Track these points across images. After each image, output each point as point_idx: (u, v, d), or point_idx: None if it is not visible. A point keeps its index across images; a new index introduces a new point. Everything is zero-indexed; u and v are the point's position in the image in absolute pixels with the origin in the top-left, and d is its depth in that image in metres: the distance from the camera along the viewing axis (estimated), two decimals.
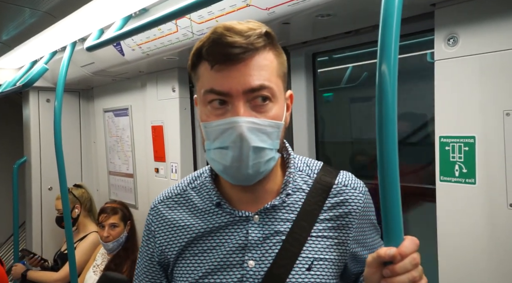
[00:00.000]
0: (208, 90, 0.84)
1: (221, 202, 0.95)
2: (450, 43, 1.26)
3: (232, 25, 0.82)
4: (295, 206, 0.94)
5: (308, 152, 1.90)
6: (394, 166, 0.73)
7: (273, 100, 0.85)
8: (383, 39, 0.74)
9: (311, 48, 1.83)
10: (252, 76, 0.82)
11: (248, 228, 0.92)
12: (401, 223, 0.74)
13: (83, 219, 3.03)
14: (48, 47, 2.45)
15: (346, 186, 0.98)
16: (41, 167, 3.30)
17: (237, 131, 0.81)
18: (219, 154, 0.85)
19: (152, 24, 1.47)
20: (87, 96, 3.48)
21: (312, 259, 0.91)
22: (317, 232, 0.93)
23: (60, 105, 2.18)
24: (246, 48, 0.81)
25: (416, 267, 0.74)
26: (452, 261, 1.27)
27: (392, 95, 0.72)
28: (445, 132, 1.28)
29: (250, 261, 0.90)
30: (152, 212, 1.04)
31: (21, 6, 1.71)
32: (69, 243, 2.28)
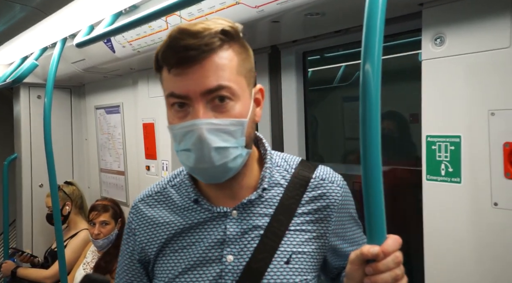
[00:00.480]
0: (169, 94, 0.85)
1: (199, 199, 0.96)
2: (437, 43, 1.27)
3: (187, 27, 0.81)
4: (273, 200, 0.95)
5: (298, 151, 1.91)
6: (377, 164, 0.73)
7: (233, 99, 0.84)
8: (367, 38, 0.74)
9: (302, 47, 1.83)
10: (208, 78, 0.81)
11: (226, 223, 0.93)
12: (384, 221, 0.75)
13: (74, 216, 3.01)
14: (38, 43, 2.43)
15: (323, 180, 0.98)
16: (31, 164, 3.28)
17: (197, 134, 0.82)
18: (185, 155, 0.86)
19: (141, 21, 1.46)
20: (78, 93, 3.47)
21: (290, 253, 0.92)
22: (295, 226, 0.94)
23: (50, 102, 2.17)
24: (199, 49, 0.80)
25: (399, 266, 0.74)
26: (438, 259, 1.28)
27: (376, 95, 0.72)
28: (431, 131, 1.28)
29: (228, 256, 0.91)
30: (132, 210, 1.04)
31: (11, 2, 1.70)
32: (59, 240, 2.27)
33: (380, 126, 0.75)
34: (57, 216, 2.25)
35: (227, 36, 0.84)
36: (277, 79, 1.93)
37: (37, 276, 2.89)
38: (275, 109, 1.97)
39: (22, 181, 3.29)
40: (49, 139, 2.20)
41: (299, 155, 1.90)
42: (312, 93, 3.45)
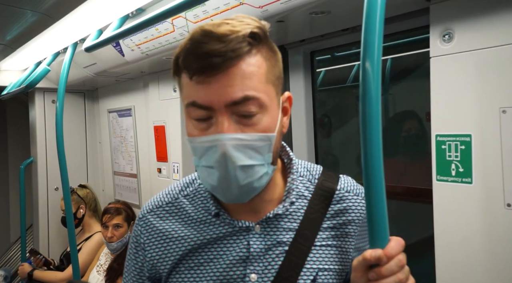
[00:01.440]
0: (190, 103, 0.76)
1: (220, 212, 0.88)
2: (445, 39, 1.23)
3: (211, 29, 0.71)
4: (297, 214, 0.89)
5: (307, 153, 1.89)
6: (378, 165, 0.71)
7: (261, 111, 0.76)
8: (366, 36, 0.72)
9: (309, 46, 1.81)
10: (233, 87, 0.73)
11: (249, 239, 0.85)
12: (387, 224, 0.73)
13: (88, 219, 3.05)
14: (51, 49, 2.47)
15: (348, 192, 0.92)
16: (47, 167, 3.33)
17: (221, 150, 0.74)
18: (206, 172, 0.79)
19: (147, 23, 1.46)
20: (92, 97, 3.51)
21: (316, 270, 0.86)
22: (321, 241, 0.88)
23: (61, 106, 2.19)
24: (226, 56, 0.71)
25: (402, 269, 0.72)
26: (449, 261, 1.25)
27: (376, 94, 0.70)
28: (441, 130, 1.25)
29: (252, 275, 0.84)
30: (140, 222, 0.95)
31: (19, 8, 1.72)
32: (72, 243, 2.29)
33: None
34: (70, 218, 2.28)
35: (256, 40, 0.75)
36: (285, 80, 1.91)
37: (52, 278, 2.93)
38: None
39: (38, 185, 3.34)
40: (61, 143, 2.23)
41: (308, 155, 1.88)
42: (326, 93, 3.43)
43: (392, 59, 2.62)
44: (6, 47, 2.43)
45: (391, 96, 2.89)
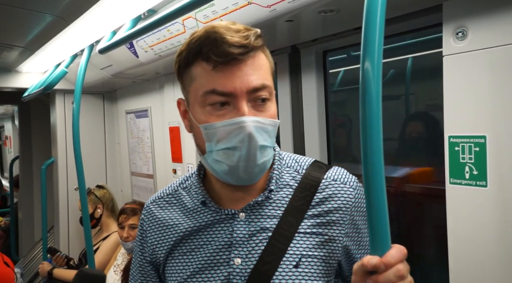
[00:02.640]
0: (209, 91, 0.83)
1: (206, 201, 0.95)
2: (459, 37, 1.19)
3: (227, 25, 0.82)
4: (282, 202, 0.93)
5: (319, 154, 1.85)
6: (379, 168, 0.69)
7: (270, 99, 0.87)
8: (366, 34, 0.70)
9: (321, 45, 1.78)
10: (253, 76, 0.83)
11: (234, 226, 0.91)
12: (388, 230, 0.70)
13: (106, 219, 3.09)
14: (68, 51, 2.51)
15: (335, 180, 0.95)
16: (67, 168, 3.39)
17: (246, 131, 0.81)
18: (224, 154, 0.85)
19: (157, 23, 1.47)
20: (111, 98, 3.56)
21: (299, 256, 0.89)
22: (305, 228, 0.91)
23: (78, 107, 2.22)
24: (248, 47, 0.81)
25: (401, 280, 0.69)
26: (463, 266, 1.20)
27: (377, 95, 0.68)
28: (454, 131, 1.20)
29: (236, 259, 0.90)
30: (144, 212, 1.05)
31: (33, 11, 1.76)
32: (88, 243, 2.32)
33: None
34: (86, 218, 2.31)
35: (263, 40, 0.86)
36: (298, 80, 1.89)
37: (71, 277, 2.98)
38: (296, 110, 1.92)
39: (58, 185, 3.41)
40: (77, 144, 2.26)
41: (321, 155, 1.85)
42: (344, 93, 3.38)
43: (413, 59, 2.56)
44: (26, 49, 2.49)
45: (413, 96, 2.83)
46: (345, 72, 3.12)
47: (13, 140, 6.24)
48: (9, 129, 6.58)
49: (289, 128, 1.96)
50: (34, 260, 4.38)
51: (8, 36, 2.31)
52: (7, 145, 6.91)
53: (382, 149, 0.69)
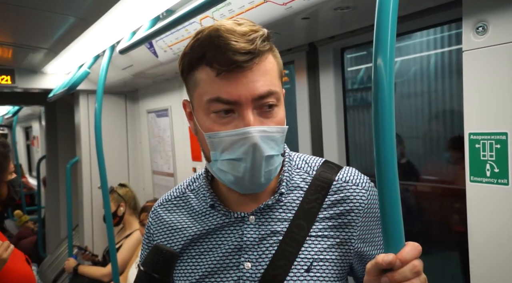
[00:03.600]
0: (213, 99, 0.80)
1: (215, 204, 0.92)
2: (479, 31, 1.16)
3: (233, 27, 0.77)
4: (292, 204, 0.90)
5: (337, 152, 1.84)
6: (392, 166, 0.68)
7: (278, 104, 0.83)
8: (378, 30, 0.69)
9: (339, 43, 1.77)
10: (259, 82, 0.79)
11: (243, 229, 0.89)
12: (402, 227, 0.70)
13: (129, 217, 3.14)
14: (90, 52, 2.57)
15: (347, 182, 0.92)
16: (91, 167, 3.47)
17: (250, 142, 0.78)
18: (229, 165, 0.82)
19: (175, 23, 1.49)
20: (132, 98, 3.61)
21: (311, 260, 0.87)
22: (317, 231, 0.89)
23: (100, 107, 2.27)
24: (254, 53, 0.77)
25: (417, 276, 0.68)
26: (484, 266, 1.17)
27: (389, 92, 0.67)
28: (475, 128, 1.17)
29: (246, 263, 0.88)
30: (151, 214, 1.03)
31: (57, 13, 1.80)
32: (111, 240, 2.37)
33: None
34: (109, 216, 2.35)
35: (269, 40, 0.83)
36: (316, 78, 1.88)
37: (95, 273, 3.04)
38: (314, 108, 1.91)
39: (82, 183, 3.49)
40: (100, 143, 2.30)
41: (339, 154, 1.84)
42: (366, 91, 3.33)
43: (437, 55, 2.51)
44: (50, 51, 2.56)
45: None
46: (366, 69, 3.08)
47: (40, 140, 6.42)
48: (36, 129, 6.76)
49: (307, 127, 1.95)
50: (61, 257, 4.49)
51: (33, 38, 2.38)
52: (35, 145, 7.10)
53: (395, 146, 0.68)
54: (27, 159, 8.20)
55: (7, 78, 3.06)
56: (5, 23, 2.14)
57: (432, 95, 2.77)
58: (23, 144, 8.33)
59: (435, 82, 2.68)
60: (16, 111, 5.67)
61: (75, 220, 3.97)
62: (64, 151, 4.60)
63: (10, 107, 5.74)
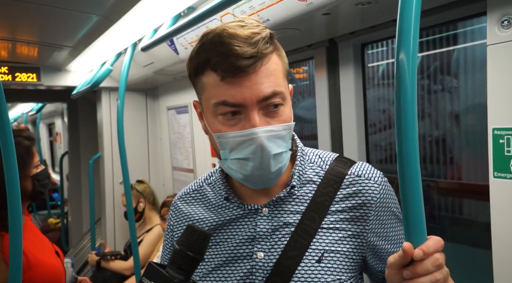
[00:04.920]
0: (219, 102, 0.83)
1: (229, 196, 0.96)
2: (504, 25, 1.14)
3: (236, 32, 0.80)
4: (305, 198, 0.93)
5: (357, 150, 1.83)
6: (414, 159, 0.68)
7: (284, 103, 0.86)
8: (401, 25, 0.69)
9: (359, 38, 1.76)
10: (263, 84, 0.81)
11: (257, 220, 0.93)
12: (424, 221, 0.70)
13: (149, 212, 3.19)
14: (113, 50, 2.61)
15: (359, 176, 0.94)
16: (113, 163, 3.53)
17: (257, 143, 0.82)
18: (238, 164, 0.86)
19: (196, 20, 1.51)
20: (153, 95, 3.66)
21: (322, 251, 0.89)
22: (328, 223, 0.91)
23: (122, 104, 2.31)
24: (256, 57, 0.80)
25: (440, 269, 0.68)
26: (508, 263, 1.16)
27: (412, 86, 0.67)
28: (499, 123, 1.16)
29: (259, 253, 0.91)
30: (172, 208, 1.07)
31: (82, 12, 1.84)
32: (132, 236, 2.42)
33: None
34: (130, 212, 2.40)
35: (272, 40, 0.85)
36: (336, 74, 1.87)
37: (117, 267, 3.11)
38: (334, 105, 1.91)
39: (105, 179, 3.55)
40: (122, 140, 2.34)
41: (359, 152, 1.83)
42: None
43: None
44: (74, 49, 2.61)
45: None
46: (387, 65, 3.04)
47: (62, 137, 6.56)
48: (59, 126, 6.91)
49: (326, 123, 1.94)
50: (83, 250, 4.59)
51: (58, 36, 2.44)
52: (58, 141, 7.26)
53: (417, 140, 0.68)
54: (51, 155, 8.39)
55: (33, 76, 3.14)
56: (31, 22, 2.19)
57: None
58: (47, 140, 8.52)
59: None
60: (39, 108, 5.80)
61: (97, 214, 4.06)
62: (85, 147, 4.69)
63: (34, 104, 5.88)
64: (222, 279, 0.93)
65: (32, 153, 1.70)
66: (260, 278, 0.89)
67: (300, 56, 2.06)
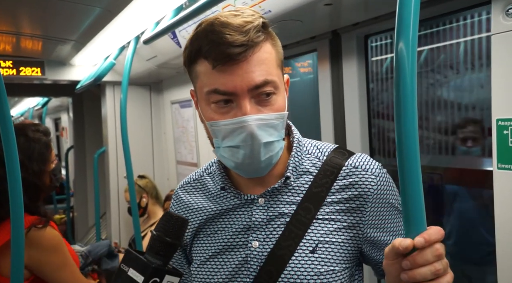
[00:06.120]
0: (211, 90, 0.84)
1: (226, 186, 0.97)
2: (509, 13, 1.12)
3: (228, 21, 0.81)
4: (301, 188, 0.94)
5: (360, 143, 1.82)
6: (414, 148, 0.67)
7: (276, 92, 0.86)
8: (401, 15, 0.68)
9: (363, 30, 1.74)
10: (254, 73, 0.82)
11: (252, 210, 0.94)
12: (423, 211, 0.69)
13: (152, 206, 3.20)
14: (116, 43, 2.61)
15: (356, 168, 0.93)
16: (117, 157, 3.54)
17: (247, 131, 0.82)
18: (230, 152, 0.87)
19: (198, 11, 1.50)
20: (157, 89, 3.66)
21: (316, 242, 0.90)
22: (324, 214, 0.91)
23: (125, 98, 2.31)
24: (247, 45, 0.80)
25: (439, 259, 0.67)
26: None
27: (411, 78, 0.66)
28: (503, 114, 1.14)
29: (254, 242, 0.92)
30: (174, 196, 1.10)
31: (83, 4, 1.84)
32: (136, 231, 2.42)
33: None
34: (134, 207, 2.40)
35: (265, 29, 0.85)
36: (339, 66, 1.86)
37: None
38: (337, 97, 1.89)
39: (109, 173, 3.57)
40: (125, 134, 2.34)
41: (362, 145, 1.82)
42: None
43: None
44: (77, 43, 2.61)
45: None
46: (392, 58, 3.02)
47: (68, 131, 6.59)
48: (65, 120, 6.94)
49: (329, 116, 1.93)
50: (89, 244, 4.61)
51: (61, 30, 2.44)
52: (64, 135, 7.29)
53: (416, 130, 0.67)
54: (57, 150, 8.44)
55: (37, 70, 3.15)
56: (35, 16, 2.20)
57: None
58: (53, 134, 8.57)
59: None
60: (45, 102, 5.82)
61: (102, 209, 4.07)
62: (91, 141, 4.71)
63: (39, 99, 5.90)
64: (218, 267, 0.95)
65: (50, 148, 1.72)
66: (254, 267, 0.91)
67: (303, 48, 2.04)
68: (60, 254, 1.53)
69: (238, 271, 0.92)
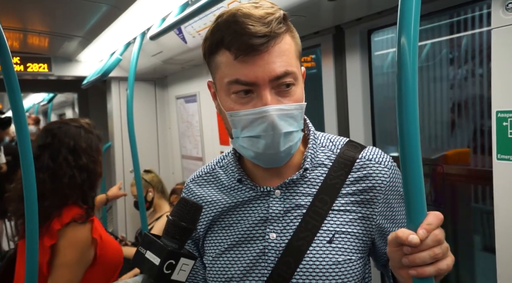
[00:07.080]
0: (232, 80, 0.85)
1: (242, 179, 0.98)
2: (509, 8, 1.14)
3: (250, 12, 0.82)
4: (317, 180, 0.95)
5: (363, 137, 1.84)
6: (415, 138, 0.70)
7: (295, 83, 0.87)
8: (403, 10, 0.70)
9: (366, 25, 1.76)
10: (275, 64, 0.83)
11: (269, 202, 0.94)
12: (424, 198, 0.71)
13: (158, 200, 3.24)
14: (122, 39, 2.64)
15: (370, 160, 0.95)
16: (123, 152, 3.58)
17: (268, 121, 0.83)
18: (250, 141, 0.88)
19: (204, 8, 1.53)
20: (162, 85, 3.70)
21: (333, 232, 0.91)
22: (339, 206, 0.93)
23: (131, 93, 2.34)
24: (269, 36, 0.81)
25: (439, 244, 0.70)
26: (511, 245, 1.17)
27: (413, 70, 0.68)
28: (502, 106, 1.17)
29: (271, 234, 0.93)
30: (184, 190, 1.09)
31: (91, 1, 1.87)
32: (144, 224, 2.46)
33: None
34: (141, 201, 2.44)
35: (285, 21, 0.86)
36: (342, 61, 1.88)
37: (127, 253, 3.16)
38: (340, 91, 1.92)
39: (115, 168, 3.61)
40: (132, 129, 2.38)
41: (365, 137, 1.84)
42: None
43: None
44: (84, 39, 2.65)
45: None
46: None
47: None
48: (70, 116, 6.99)
49: (333, 110, 1.96)
50: None
51: (68, 26, 2.47)
52: None
53: (417, 121, 0.69)
54: None
55: (44, 66, 3.19)
56: (42, 12, 2.23)
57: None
58: None
59: None
60: (50, 98, 5.87)
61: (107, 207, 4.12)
62: None
63: (45, 95, 5.95)
64: (235, 259, 0.95)
65: (102, 140, 1.78)
66: (272, 258, 0.92)
67: (307, 43, 2.07)
68: (75, 253, 1.50)
69: (256, 263, 0.93)
